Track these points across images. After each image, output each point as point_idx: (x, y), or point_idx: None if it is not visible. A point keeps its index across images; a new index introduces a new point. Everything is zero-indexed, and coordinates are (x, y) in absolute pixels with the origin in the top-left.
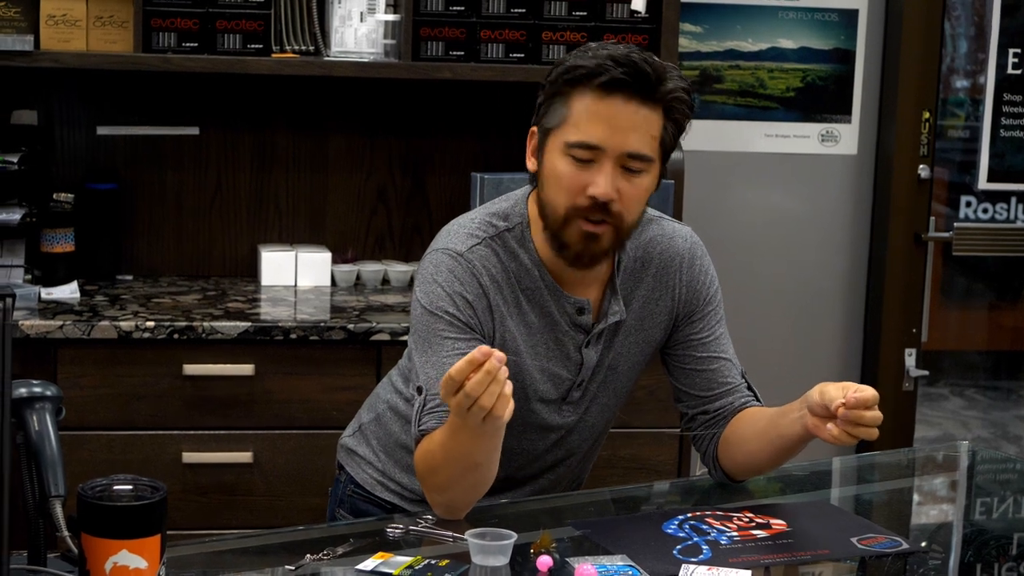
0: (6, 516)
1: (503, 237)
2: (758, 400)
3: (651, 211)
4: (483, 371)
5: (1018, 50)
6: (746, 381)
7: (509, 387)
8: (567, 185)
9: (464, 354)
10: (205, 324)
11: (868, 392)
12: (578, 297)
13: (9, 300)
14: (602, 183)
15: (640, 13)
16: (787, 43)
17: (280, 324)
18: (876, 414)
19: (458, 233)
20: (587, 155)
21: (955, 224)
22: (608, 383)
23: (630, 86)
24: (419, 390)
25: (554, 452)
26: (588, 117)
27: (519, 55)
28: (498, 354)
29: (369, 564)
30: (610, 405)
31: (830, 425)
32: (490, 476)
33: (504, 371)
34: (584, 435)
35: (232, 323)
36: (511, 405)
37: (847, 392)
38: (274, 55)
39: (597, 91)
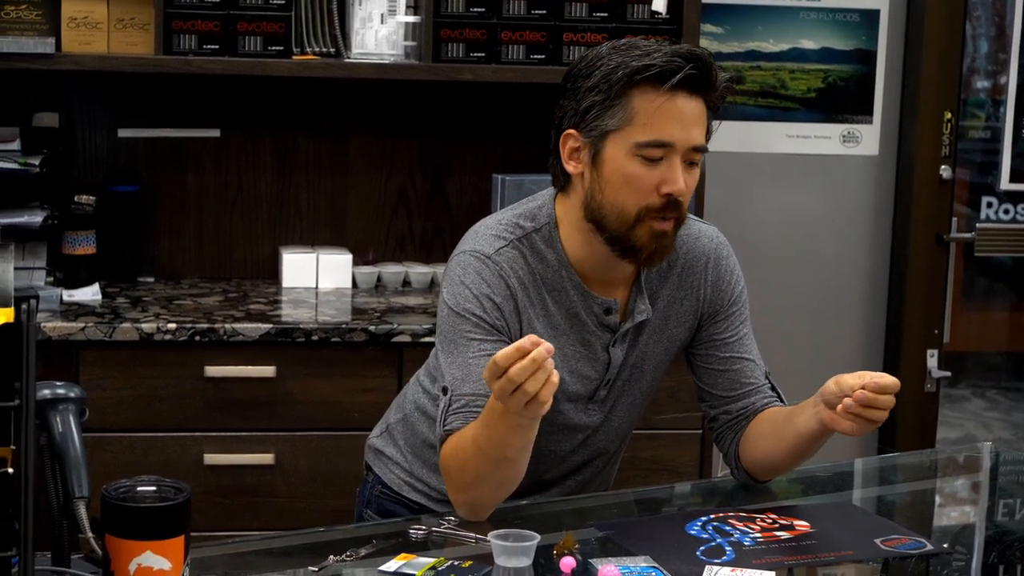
0: (30, 517)
1: (530, 238)
2: (782, 401)
3: None
4: (529, 359)
5: None
6: (770, 382)
7: (556, 376)
8: (639, 185)
9: (490, 355)
10: (227, 326)
11: (889, 380)
12: (605, 297)
13: (33, 302)
14: (679, 180)
15: (661, 14)
16: (808, 44)
17: (301, 326)
18: (889, 399)
19: (485, 235)
20: (659, 153)
21: (977, 225)
22: (633, 382)
23: (692, 81)
24: (444, 390)
25: (580, 453)
26: (658, 116)
27: (540, 56)
28: (546, 345)
29: (392, 565)
30: (636, 404)
31: (844, 402)
32: (518, 475)
33: (551, 362)
34: (610, 435)
35: (253, 325)
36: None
37: (864, 380)
38: (295, 57)
39: (665, 89)
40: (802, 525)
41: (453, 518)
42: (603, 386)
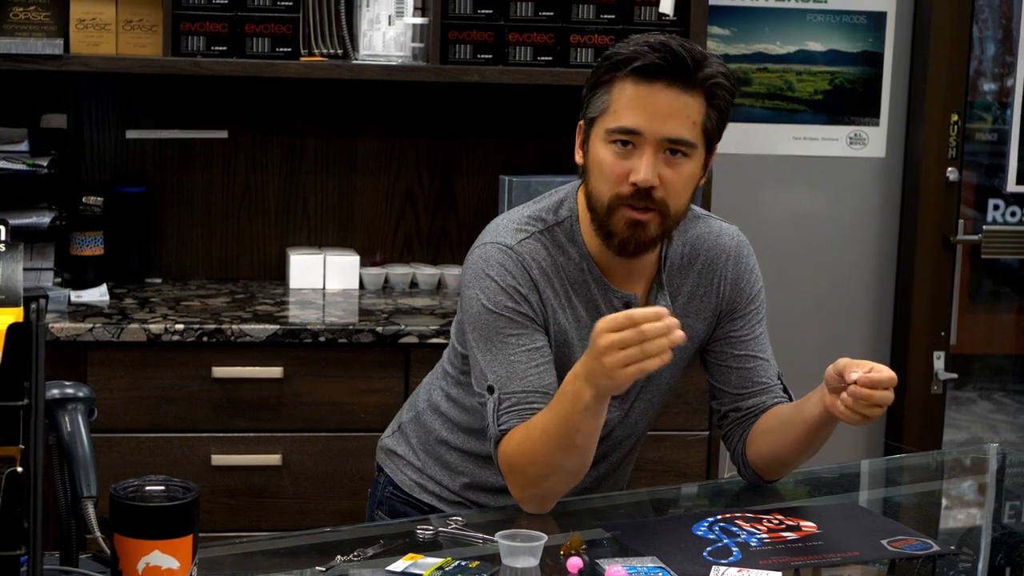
0: (39, 516)
1: (552, 231)
2: (791, 402)
3: (699, 210)
4: (664, 323)
5: None
6: (782, 383)
7: (669, 356)
8: (608, 172)
9: (530, 349)
10: (234, 327)
11: (884, 374)
12: (625, 291)
13: (42, 301)
14: (642, 169)
15: (668, 16)
16: (815, 46)
17: (309, 327)
18: (885, 395)
19: (507, 227)
20: (627, 140)
21: (983, 227)
22: (652, 379)
23: (667, 71)
24: (490, 389)
25: (598, 448)
26: (628, 104)
27: (547, 58)
28: (675, 321)
29: (399, 565)
30: (653, 402)
31: (841, 396)
32: (586, 464)
33: (680, 336)
34: (627, 431)
35: (261, 326)
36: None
37: (863, 369)
38: (303, 58)
39: (636, 78)
40: (808, 526)
41: (460, 518)
42: None
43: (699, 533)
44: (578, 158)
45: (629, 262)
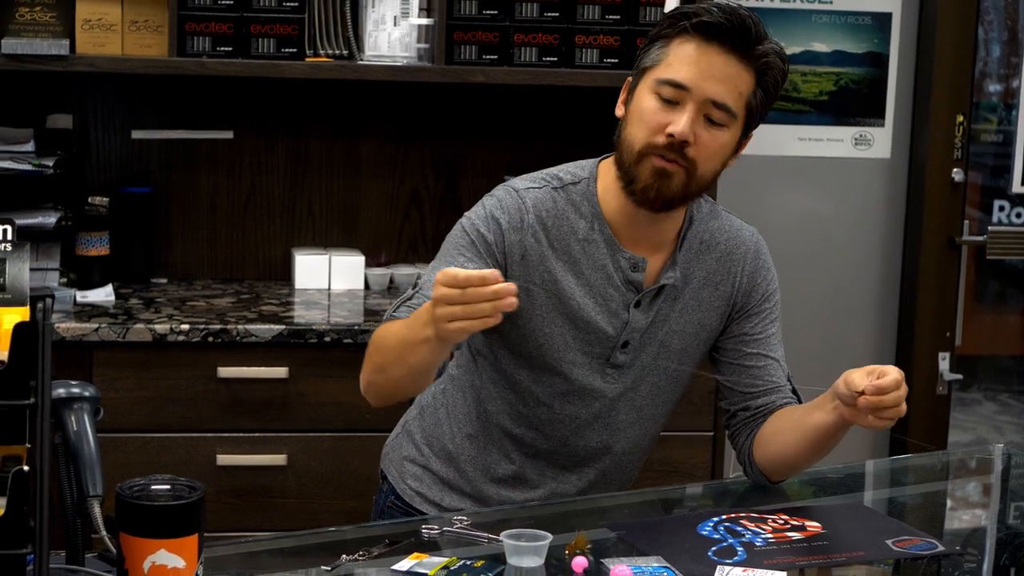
0: (45, 515)
1: (567, 189)
2: (800, 404)
3: (719, 207)
4: (491, 289)
5: None
6: (791, 384)
7: (495, 321)
8: (648, 120)
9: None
10: (239, 327)
11: (889, 379)
12: (634, 253)
13: (48, 301)
14: (681, 122)
15: None
16: (820, 47)
17: (314, 327)
18: (898, 394)
19: (523, 177)
20: (672, 94)
21: (989, 228)
22: (660, 360)
23: (728, 36)
24: (414, 285)
25: (598, 430)
26: (682, 59)
27: (552, 59)
28: (510, 287)
29: (404, 565)
30: (662, 388)
31: (859, 403)
32: (409, 385)
33: (505, 304)
34: (632, 416)
35: (266, 326)
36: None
37: (871, 378)
38: (308, 59)
39: (697, 37)
40: (813, 526)
41: (465, 518)
42: (620, 348)
43: (704, 533)
44: (619, 111)
45: (641, 226)
